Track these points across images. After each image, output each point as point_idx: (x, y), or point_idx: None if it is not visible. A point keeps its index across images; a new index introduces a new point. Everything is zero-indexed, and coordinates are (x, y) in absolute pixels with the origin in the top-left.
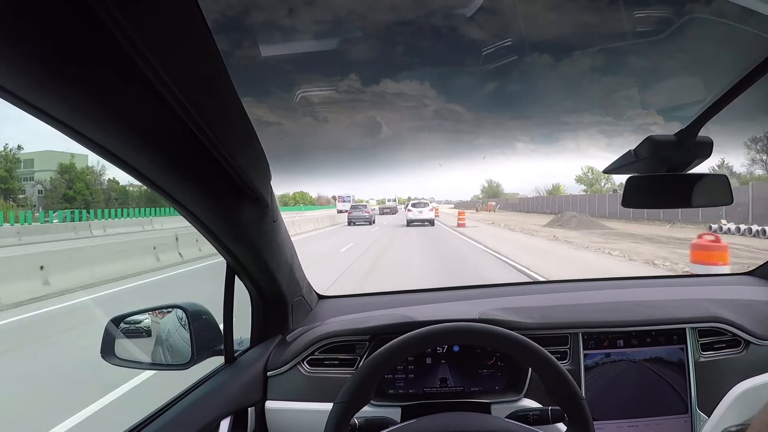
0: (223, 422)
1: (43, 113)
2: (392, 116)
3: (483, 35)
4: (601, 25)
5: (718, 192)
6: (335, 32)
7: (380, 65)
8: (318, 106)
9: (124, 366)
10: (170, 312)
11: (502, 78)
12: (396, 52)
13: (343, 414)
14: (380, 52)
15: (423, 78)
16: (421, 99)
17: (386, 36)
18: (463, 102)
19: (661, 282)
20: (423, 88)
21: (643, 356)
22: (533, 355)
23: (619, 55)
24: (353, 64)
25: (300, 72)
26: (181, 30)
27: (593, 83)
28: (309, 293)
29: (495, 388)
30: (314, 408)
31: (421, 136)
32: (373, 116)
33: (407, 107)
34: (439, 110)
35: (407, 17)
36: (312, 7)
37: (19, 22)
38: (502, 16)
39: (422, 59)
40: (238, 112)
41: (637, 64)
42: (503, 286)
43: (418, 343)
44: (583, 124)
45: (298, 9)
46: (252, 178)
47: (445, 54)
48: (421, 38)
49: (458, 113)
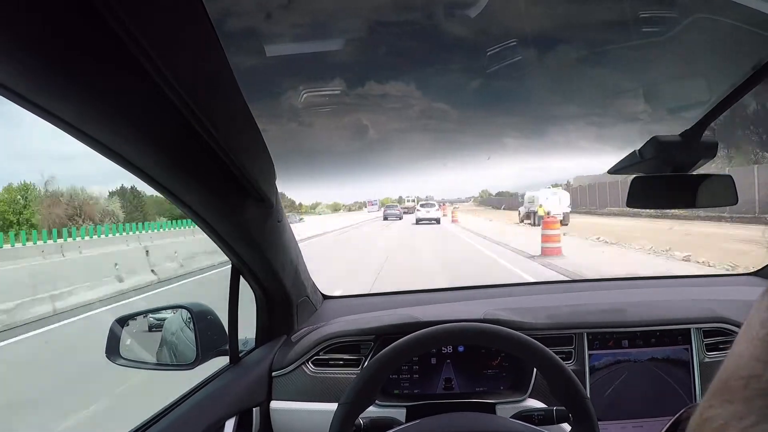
0: (228, 422)
1: (49, 113)
2: (392, 116)
3: (489, 35)
4: (606, 25)
5: (722, 192)
6: (339, 34)
7: (367, 67)
8: (322, 107)
9: (129, 366)
10: (175, 312)
11: (505, 78)
12: (395, 51)
13: (348, 415)
14: (378, 54)
15: (423, 79)
16: (411, 99)
17: (385, 36)
18: (457, 103)
19: (665, 282)
20: (418, 90)
21: (647, 357)
22: (538, 356)
23: (624, 56)
24: (354, 64)
25: (305, 73)
26: (186, 29)
27: (594, 84)
28: (314, 293)
29: (500, 388)
30: (319, 408)
31: (423, 137)
32: (375, 118)
33: (408, 108)
34: (426, 110)
35: (409, 17)
36: (317, 9)
37: (24, 22)
38: (506, 15)
39: (420, 61)
40: (242, 112)
41: (642, 65)
42: (508, 286)
43: (422, 344)
44: (592, 125)
45: (304, 10)
46: (257, 177)
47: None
48: (420, 39)
49: (447, 112)
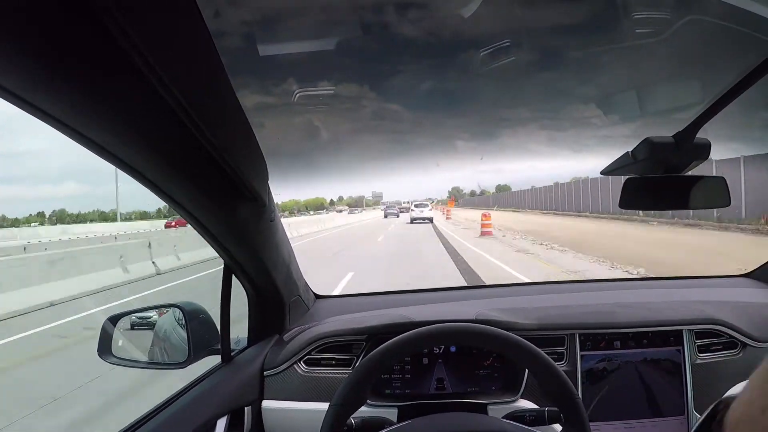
0: (220, 421)
1: (42, 112)
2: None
3: (482, 34)
4: (600, 26)
5: (715, 194)
6: (331, 33)
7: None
8: (315, 106)
9: (121, 365)
10: (167, 311)
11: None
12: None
13: (339, 416)
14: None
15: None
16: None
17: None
18: (465, 104)
19: (658, 284)
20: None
21: (639, 358)
22: (530, 356)
23: (617, 57)
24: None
25: (299, 72)
26: (180, 29)
27: (592, 86)
28: (306, 293)
29: (492, 388)
30: (311, 408)
31: (424, 140)
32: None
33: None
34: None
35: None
36: (310, 8)
37: (19, 22)
38: (503, 14)
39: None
40: (235, 112)
41: (635, 66)
42: (501, 286)
43: (414, 344)
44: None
45: (298, 8)
46: (249, 177)
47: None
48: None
49: (460, 117)
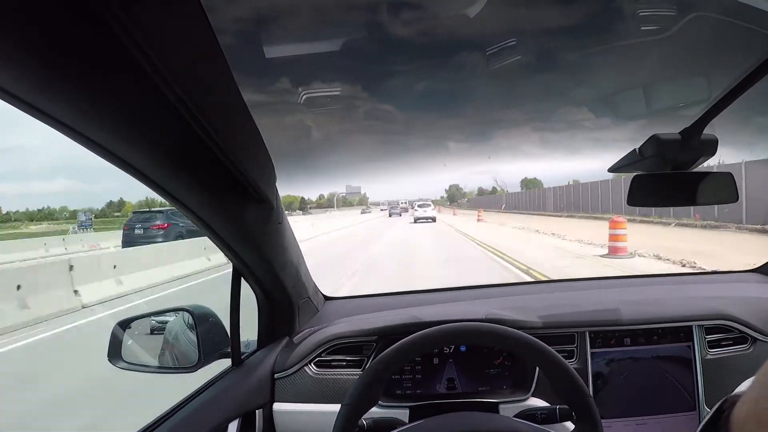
0: (231, 425)
1: (47, 116)
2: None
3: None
4: (606, 24)
5: (723, 190)
6: (338, 34)
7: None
8: (322, 108)
9: (131, 369)
10: (177, 315)
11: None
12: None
13: (351, 416)
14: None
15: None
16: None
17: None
18: (466, 104)
19: (667, 280)
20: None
21: (650, 354)
22: (540, 355)
23: (623, 54)
24: (356, 66)
25: (305, 73)
26: (185, 31)
27: (596, 84)
28: (315, 294)
29: (502, 387)
30: (322, 410)
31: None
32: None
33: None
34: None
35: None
36: (316, 8)
37: (21, 22)
38: (506, 14)
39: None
40: (242, 113)
41: (641, 63)
42: (510, 285)
43: (424, 344)
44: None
45: (303, 10)
46: (257, 179)
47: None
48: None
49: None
